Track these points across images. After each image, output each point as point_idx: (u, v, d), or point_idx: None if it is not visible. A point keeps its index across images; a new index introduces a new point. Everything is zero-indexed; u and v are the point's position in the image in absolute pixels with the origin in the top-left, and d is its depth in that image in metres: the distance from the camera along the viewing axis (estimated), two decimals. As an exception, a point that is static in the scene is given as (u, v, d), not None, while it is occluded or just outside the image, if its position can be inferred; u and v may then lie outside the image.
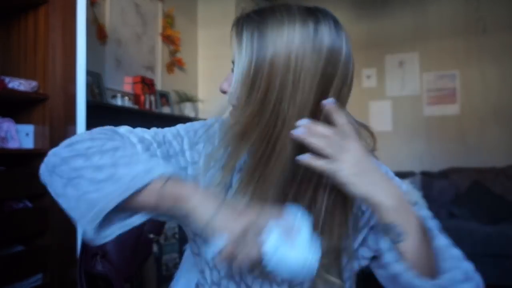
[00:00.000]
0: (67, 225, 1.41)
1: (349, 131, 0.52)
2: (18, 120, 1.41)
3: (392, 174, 0.69)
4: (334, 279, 0.56)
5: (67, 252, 1.40)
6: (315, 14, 0.54)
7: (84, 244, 1.14)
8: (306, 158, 0.50)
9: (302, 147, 0.51)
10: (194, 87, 3.29)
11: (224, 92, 0.60)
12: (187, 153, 0.62)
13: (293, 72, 0.51)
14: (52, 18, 1.41)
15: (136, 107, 2.38)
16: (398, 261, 0.52)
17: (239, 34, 0.54)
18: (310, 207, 0.56)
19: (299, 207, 0.50)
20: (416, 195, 0.62)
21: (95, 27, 2.21)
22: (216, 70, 3.19)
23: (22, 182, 1.28)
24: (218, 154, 0.58)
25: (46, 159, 0.55)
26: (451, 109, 3.54)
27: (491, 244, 2.55)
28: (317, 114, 0.53)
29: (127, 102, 2.27)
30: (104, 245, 1.13)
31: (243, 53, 0.53)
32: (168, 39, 2.95)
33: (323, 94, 0.53)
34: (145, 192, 0.47)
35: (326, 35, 0.53)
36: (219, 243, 0.45)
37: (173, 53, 3.04)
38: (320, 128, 0.50)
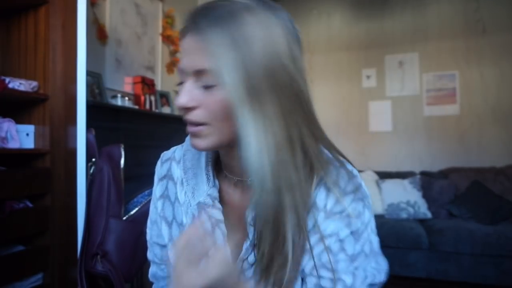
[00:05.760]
0: (68, 225, 1.41)
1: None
2: (19, 120, 1.41)
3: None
4: None
5: (68, 252, 1.41)
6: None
7: (84, 244, 1.14)
8: None
9: None
10: (194, 87, 3.29)
11: (186, 108, 0.52)
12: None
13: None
14: (52, 18, 1.41)
15: (136, 107, 2.38)
16: None
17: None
18: None
19: None
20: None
21: (95, 27, 2.21)
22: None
23: (23, 182, 1.28)
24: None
25: None
26: (451, 109, 3.55)
27: (490, 244, 2.55)
28: None
29: (127, 102, 2.27)
30: (105, 245, 1.13)
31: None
32: (168, 39, 2.95)
33: None
34: None
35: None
36: None
37: (173, 53, 3.05)
38: None
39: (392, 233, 2.76)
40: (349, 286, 0.55)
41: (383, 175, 3.37)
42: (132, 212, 1.15)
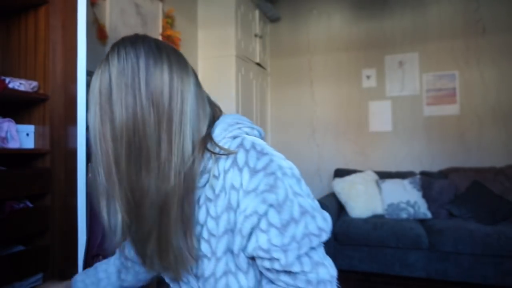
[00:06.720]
0: (68, 225, 1.41)
1: None
2: (19, 120, 1.41)
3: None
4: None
5: (68, 252, 1.40)
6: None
7: (87, 245, 1.15)
8: None
9: None
10: (194, 87, 3.29)
11: None
12: None
13: None
14: (52, 18, 1.41)
15: (136, 107, 2.38)
16: None
17: None
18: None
19: None
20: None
21: (95, 27, 2.21)
22: (216, 71, 3.19)
23: (23, 182, 1.27)
24: None
25: None
26: (451, 109, 3.55)
27: (490, 244, 2.56)
28: None
29: (127, 102, 2.27)
30: (105, 245, 1.13)
31: None
32: (168, 39, 2.95)
33: None
34: None
35: None
36: None
37: (173, 53, 3.05)
38: None
39: (392, 233, 2.76)
40: (283, 265, 0.57)
41: (383, 175, 3.37)
42: (132, 212, 1.15)
